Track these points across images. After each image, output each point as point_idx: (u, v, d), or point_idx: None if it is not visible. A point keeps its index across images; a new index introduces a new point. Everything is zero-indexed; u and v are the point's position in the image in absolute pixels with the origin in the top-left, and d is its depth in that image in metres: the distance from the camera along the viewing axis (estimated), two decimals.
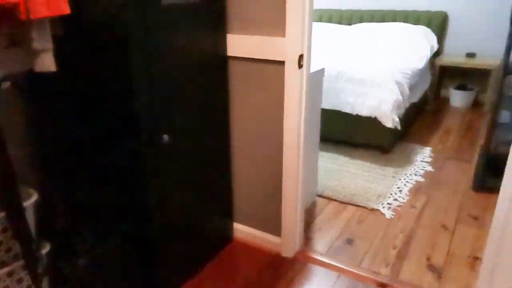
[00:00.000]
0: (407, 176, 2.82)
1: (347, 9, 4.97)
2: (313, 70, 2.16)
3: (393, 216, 2.35)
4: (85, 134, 1.61)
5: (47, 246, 1.58)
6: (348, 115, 3.14)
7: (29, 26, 1.24)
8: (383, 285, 1.82)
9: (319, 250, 2.07)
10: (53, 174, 1.81)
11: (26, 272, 1.41)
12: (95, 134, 1.57)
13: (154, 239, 1.62)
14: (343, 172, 2.87)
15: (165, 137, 1.55)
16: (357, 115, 3.10)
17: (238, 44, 1.79)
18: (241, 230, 2.14)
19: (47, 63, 1.30)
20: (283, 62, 1.71)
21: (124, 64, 1.35)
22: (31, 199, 1.48)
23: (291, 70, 1.69)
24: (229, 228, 2.13)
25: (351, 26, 4.62)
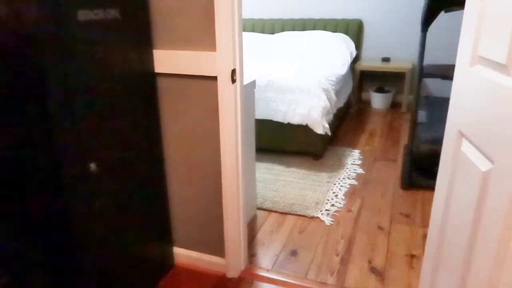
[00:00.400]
0: (341, 180, 2.90)
1: (269, 18, 5.04)
2: (244, 82, 2.12)
3: (332, 222, 2.39)
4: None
5: None
6: (280, 124, 3.16)
7: None
8: None
9: (265, 266, 2.02)
10: None
11: None
12: (10, 172, 1.38)
13: (86, 277, 1.46)
14: (280, 182, 2.87)
15: (92, 166, 1.40)
16: (288, 124, 3.13)
17: (167, 60, 1.68)
18: (182, 254, 2.03)
19: None
20: (215, 78, 1.65)
21: (41, 92, 1.19)
22: None
23: (224, 85, 1.63)
24: (169, 254, 2.00)
25: (274, 35, 4.69)
